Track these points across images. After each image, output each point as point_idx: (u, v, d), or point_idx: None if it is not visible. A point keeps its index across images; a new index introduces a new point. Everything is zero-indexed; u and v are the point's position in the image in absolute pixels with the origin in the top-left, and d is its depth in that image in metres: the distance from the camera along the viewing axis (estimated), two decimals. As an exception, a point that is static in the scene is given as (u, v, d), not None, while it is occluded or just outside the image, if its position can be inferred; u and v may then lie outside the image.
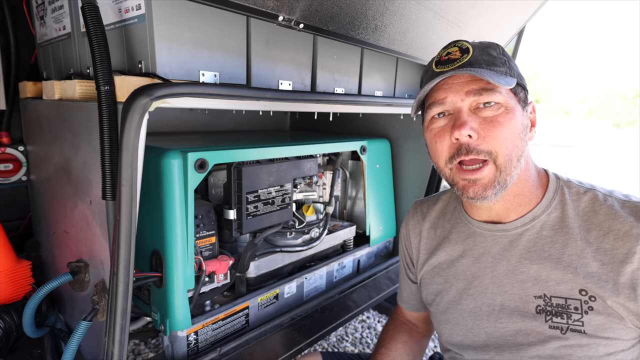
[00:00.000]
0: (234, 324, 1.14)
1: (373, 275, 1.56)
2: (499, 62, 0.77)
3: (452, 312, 0.89)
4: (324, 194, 1.47)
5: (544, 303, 0.76)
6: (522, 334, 0.79)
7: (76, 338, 0.86)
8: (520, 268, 0.80)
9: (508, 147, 0.74)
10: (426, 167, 1.71)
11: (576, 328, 0.73)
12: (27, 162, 1.39)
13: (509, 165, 0.75)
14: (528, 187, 0.81)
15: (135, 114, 0.72)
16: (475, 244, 0.87)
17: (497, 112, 0.74)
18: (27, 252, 1.37)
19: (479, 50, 0.78)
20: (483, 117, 0.75)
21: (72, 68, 1.14)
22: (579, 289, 0.73)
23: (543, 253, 0.78)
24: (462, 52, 0.78)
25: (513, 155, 0.75)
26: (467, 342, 0.88)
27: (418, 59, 1.38)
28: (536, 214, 0.80)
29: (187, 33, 0.91)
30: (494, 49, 0.79)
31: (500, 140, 0.74)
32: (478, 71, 0.73)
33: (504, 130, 0.74)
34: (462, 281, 0.88)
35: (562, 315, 0.74)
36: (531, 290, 0.78)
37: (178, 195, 0.96)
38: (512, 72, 0.77)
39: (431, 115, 0.81)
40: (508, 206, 0.81)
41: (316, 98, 1.10)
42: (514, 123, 0.75)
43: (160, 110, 0.78)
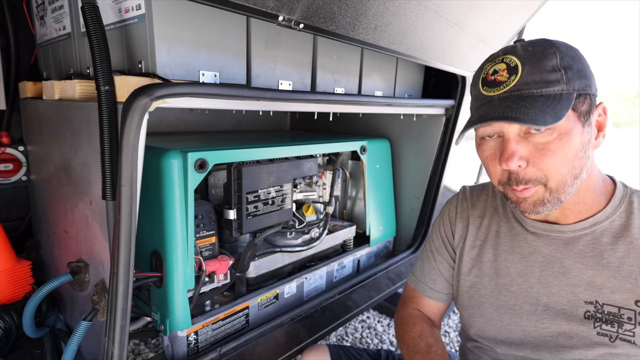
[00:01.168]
0: (234, 324, 1.14)
1: (373, 275, 1.56)
2: (553, 79, 0.68)
3: (488, 306, 0.88)
4: (324, 194, 1.47)
5: (595, 309, 0.75)
6: (565, 337, 0.77)
7: (76, 338, 0.86)
8: (573, 272, 0.78)
9: (561, 172, 0.70)
10: (426, 167, 1.71)
11: (626, 338, 0.72)
12: (27, 162, 1.39)
13: (562, 186, 0.72)
14: (590, 195, 0.77)
15: (135, 114, 0.72)
16: (525, 242, 0.85)
17: (549, 139, 0.69)
18: (27, 252, 1.37)
19: (529, 67, 0.69)
20: (534, 144, 0.70)
21: (72, 68, 1.14)
22: (636, 300, 0.71)
23: (601, 260, 0.75)
24: (510, 72, 0.70)
25: (567, 177, 0.71)
26: (500, 338, 0.86)
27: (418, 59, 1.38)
28: (598, 219, 0.77)
29: (187, 33, 0.91)
30: (549, 59, 0.68)
31: (551, 168, 0.70)
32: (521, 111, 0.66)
33: (556, 158, 0.69)
34: (504, 277, 0.86)
35: (612, 324, 0.73)
36: (582, 295, 0.76)
37: (178, 195, 0.96)
38: (571, 86, 0.68)
39: (481, 136, 0.77)
40: (567, 213, 0.79)
41: (316, 98, 1.10)
42: (569, 147, 0.69)
43: (160, 110, 0.78)
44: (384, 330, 2.12)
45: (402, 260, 1.70)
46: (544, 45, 0.70)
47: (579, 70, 0.70)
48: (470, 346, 0.94)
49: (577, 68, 0.70)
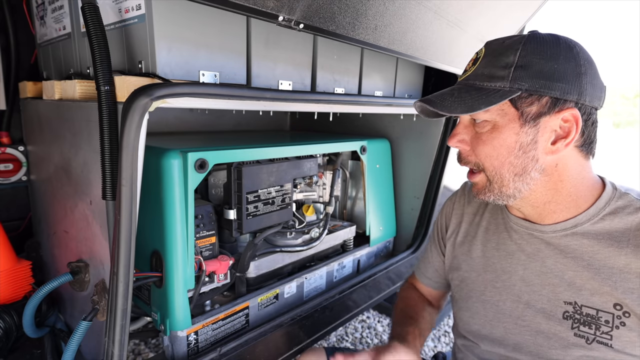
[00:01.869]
0: (234, 324, 1.14)
1: (373, 275, 1.56)
2: (498, 75, 0.71)
3: (475, 301, 0.90)
4: (324, 194, 1.47)
5: (573, 310, 0.75)
6: (543, 336, 0.78)
7: (76, 338, 0.86)
8: (554, 271, 0.78)
9: (493, 164, 0.75)
10: (426, 167, 1.71)
11: (603, 340, 0.72)
12: (27, 162, 1.39)
13: (499, 179, 0.76)
14: (562, 196, 0.77)
15: (135, 114, 0.72)
16: (510, 239, 0.86)
17: (482, 130, 0.76)
18: (27, 252, 1.37)
19: (488, 59, 0.74)
20: (475, 131, 0.77)
21: (72, 68, 1.14)
22: (614, 302, 0.71)
23: (582, 261, 0.75)
24: (473, 63, 0.77)
25: (504, 171, 0.74)
26: (484, 333, 0.88)
27: (418, 59, 1.38)
28: (580, 221, 0.77)
29: (187, 33, 0.91)
30: (508, 55, 0.71)
31: (482, 157, 0.76)
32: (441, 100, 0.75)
33: (486, 148, 0.75)
34: (490, 273, 0.88)
35: (590, 326, 0.73)
36: (562, 295, 0.77)
37: (178, 195, 0.96)
38: (517, 84, 0.70)
39: None
40: (539, 212, 0.80)
41: (316, 98, 1.10)
42: (499, 142, 0.73)
43: (160, 110, 0.78)
44: (384, 330, 2.12)
45: (402, 260, 1.70)
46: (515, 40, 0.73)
47: (540, 71, 0.69)
48: (460, 343, 0.97)
49: (540, 69, 0.69)
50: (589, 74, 0.71)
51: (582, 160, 0.77)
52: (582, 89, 0.70)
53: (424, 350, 2.00)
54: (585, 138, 0.75)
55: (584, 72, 0.70)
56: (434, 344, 2.05)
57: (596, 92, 0.72)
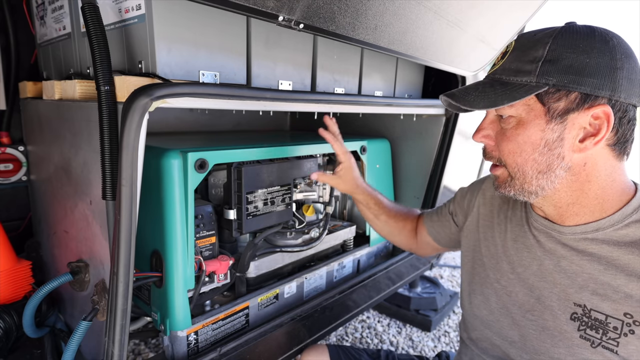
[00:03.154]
0: (234, 324, 1.14)
1: (373, 275, 1.56)
2: (526, 70, 0.70)
3: (488, 286, 0.90)
4: (324, 194, 1.47)
5: (582, 312, 0.74)
6: (548, 334, 0.78)
7: (76, 338, 0.86)
8: (568, 272, 0.77)
9: (516, 160, 0.74)
10: (426, 167, 1.71)
11: (609, 346, 0.71)
12: (27, 162, 1.39)
13: (521, 176, 0.74)
14: (588, 199, 0.74)
15: (135, 114, 0.72)
16: (529, 234, 0.85)
17: (508, 126, 0.74)
18: (27, 252, 1.37)
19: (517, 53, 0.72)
20: (501, 127, 0.77)
21: (72, 68, 1.15)
22: (625, 311, 0.69)
23: (599, 266, 0.73)
24: (502, 56, 0.76)
25: (527, 169, 0.73)
26: (491, 319, 0.88)
27: (418, 59, 1.38)
28: (602, 225, 0.73)
29: (187, 33, 0.91)
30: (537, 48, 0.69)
31: (505, 153, 0.75)
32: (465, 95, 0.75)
33: (509, 144, 0.74)
34: (507, 263, 0.87)
35: (597, 330, 0.72)
36: (573, 296, 0.75)
37: (178, 195, 0.96)
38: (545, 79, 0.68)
39: None
40: (562, 213, 0.78)
41: (316, 98, 1.10)
42: (523, 138, 0.72)
43: (160, 110, 0.78)
44: (384, 330, 2.12)
45: (402, 260, 1.70)
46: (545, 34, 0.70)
47: (570, 65, 0.67)
48: (465, 337, 0.97)
49: (571, 63, 0.67)
50: (625, 69, 0.66)
51: (614, 161, 0.73)
52: (617, 85, 0.66)
53: (424, 350, 2.00)
54: (620, 137, 0.71)
55: (619, 66, 0.66)
56: (434, 344, 2.05)
57: (634, 87, 0.68)
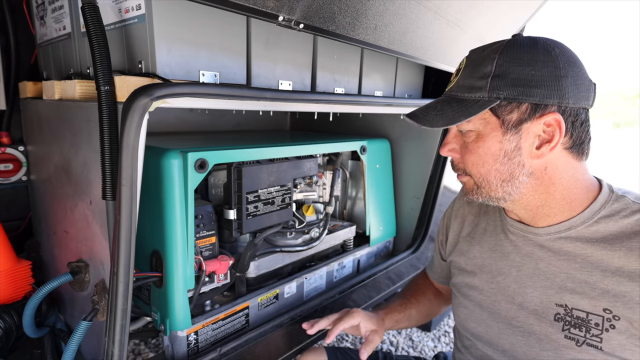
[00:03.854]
0: (234, 324, 1.14)
1: (373, 275, 1.56)
2: (477, 86, 0.73)
3: (472, 299, 0.91)
4: (324, 194, 1.47)
5: (564, 312, 0.75)
6: (535, 338, 0.79)
7: (76, 338, 0.86)
8: (547, 274, 0.79)
9: (480, 171, 0.77)
10: (426, 167, 1.71)
11: (593, 343, 0.72)
12: (27, 162, 1.39)
13: (487, 185, 0.78)
14: (555, 200, 0.77)
15: (135, 114, 0.72)
16: (506, 240, 0.87)
17: (469, 140, 0.78)
18: (27, 252, 1.37)
19: (468, 71, 0.76)
20: (463, 141, 0.80)
21: (72, 68, 1.14)
22: (605, 307, 0.71)
23: (574, 264, 0.75)
24: (456, 74, 0.80)
25: (491, 178, 0.77)
26: (479, 331, 0.89)
27: (418, 59, 1.38)
28: (574, 224, 0.76)
29: (187, 33, 0.91)
30: (486, 65, 0.72)
31: (469, 165, 0.79)
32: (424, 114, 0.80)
33: (472, 156, 0.77)
34: (487, 273, 0.89)
35: (580, 328, 0.73)
36: (554, 297, 0.77)
37: (178, 195, 0.96)
38: (496, 93, 0.71)
39: None
40: (533, 215, 0.80)
41: (316, 98, 1.10)
42: (484, 150, 0.76)
43: (160, 110, 0.78)
44: (384, 330, 2.12)
45: (402, 260, 1.70)
46: (493, 48, 0.74)
47: (517, 78, 0.70)
48: (459, 344, 0.98)
49: (517, 77, 0.70)
50: (570, 76, 0.70)
51: (574, 162, 0.76)
52: (564, 92, 0.70)
53: (424, 351, 2.00)
54: (575, 139, 0.74)
55: (564, 74, 0.70)
56: (434, 344, 2.05)
57: (581, 92, 0.72)
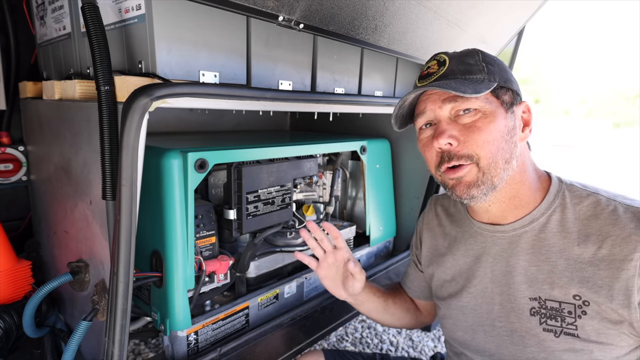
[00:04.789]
0: (234, 324, 1.14)
1: (373, 275, 1.56)
2: (475, 70, 0.78)
3: (454, 308, 0.91)
4: (324, 194, 1.47)
5: (539, 305, 0.77)
6: (518, 335, 0.80)
7: (76, 338, 0.86)
8: (518, 269, 0.80)
9: (490, 150, 0.75)
10: (426, 167, 1.70)
11: (570, 331, 0.73)
12: (27, 162, 1.39)
13: (494, 167, 0.76)
14: (525, 189, 0.80)
15: (135, 114, 0.72)
16: (476, 244, 0.88)
17: (474, 118, 0.76)
18: (27, 252, 1.37)
19: (455, 60, 0.80)
20: (462, 124, 0.77)
21: (72, 68, 1.15)
22: (574, 293, 0.73)
23: (541, 256, 0.78)
24: (439, 65, 0.81)
25: (498, 158, 0.75)
26: (467, 339, 0.89)
27: (418, 59, 1.38)
28: (535, 216, 0.80)
29: (187, 33, 0.91)
30: (472, 56, 0.80)
31: (480, 144, 0.75)
32: (446, 84, 0.75)
33: (482, 134, 0.75)
34: (464, 279, 0.89)
35: (556, 319, 0.75)
36: (527, 292, 0.78)
37: (178, 195, 0.96)
38: (492, 77, 0.77)
39: (418, 126, 0.85)
40: (504, 208, 0.81)
41: (316, 98, 1.10)
42: (494, 127, 0.75)
43: (160, 110, 0.78)
44: (384, 330, 2.12)
45: (402, 260, 1.70)
46: (469, 49, 0.82)
47: (500, 69, 0.80)
48: (451, 353, 0.98)
49: (499, 67, 0.80)
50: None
51: (529, 153, 0.83)
52: (518, 88, 0.82)
53: (424, 351, 2.01)
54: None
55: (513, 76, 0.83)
56: (434, 344, 2.05)
57: None
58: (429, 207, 1.06)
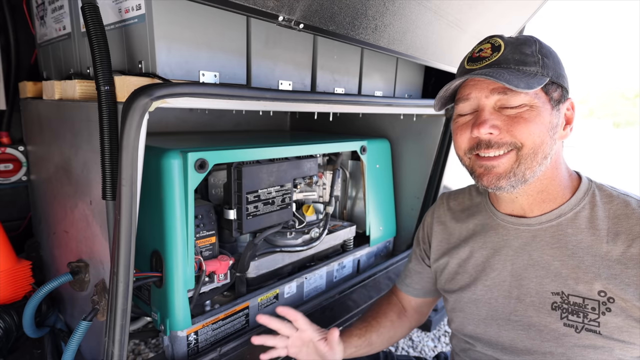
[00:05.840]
0: (234, 324, 1.14)
1: (373, 275, 1.56)
2: (530, 61, 0.75)
3: (467, 301, 0.90)
4: (324, 194, 1.47)
5: (561, 300, 0.77)
6: (535, 330, 0.79)
7: (76, 338, 0.86)
8: (541, 263, 0.80)
9: (535, 140, 0.73)
10: (426, 167, 1.71)
11: (591, 328, 0.73)
12: (27, 162, 1.39)
13: (532, 159, 0.74)
14: (555, 185, 0.80)
15: (135, 114, 0.72)
16: (497, 236, 0.87)
17: (521, 110, 0.74)
18: (27, 252, 1.37)
19: (511, 47, 0.76)
20: (507, 115, 0.74)
21: (72, 68, 1.14)
22: (599, 290, 0.73)
23: (566, 251, 0.77)
24: (493, 50, 0.77)
25: (539, 150, 0.74)
26: (478, 333, 0.89)
27: (418, 59, 1.38)
28: (563, 211, 0.79)
29: (187, 33, 0.91)
30: (529, 45, 0.76)
31: (526, 133, 0.73)
32: (499, 73, 0.71)
33: (529, 125, 0.73)
34: (480, 272, 0.89)
35: (578, 314, 0.74)
36: (549, 286, 0.78)
37: (178, 195, 0.96)
38: (546, 71, 0.75)
39: (458, 112, 0.82)
40: (531, 201, 0.81)
41: (316, 98, 1.10)
42: (541, 119, 0.74)
43: (160, 110, 0.78)
44: (384, 330, 2.12)
45: (402, 260, 1.70)
46: (526, 36, 0.79)
47: (554, 62, 0.77)
48: (457, 348, 0.97)
49: (553, 60, 0.77)
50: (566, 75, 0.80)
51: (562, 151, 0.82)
52: (568, 83, 0.80)
53: (424, 351, 2.00)
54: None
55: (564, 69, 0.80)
56: (434, 344, 2.05)
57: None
58: (440, 202, 1.04)
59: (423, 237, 1.07)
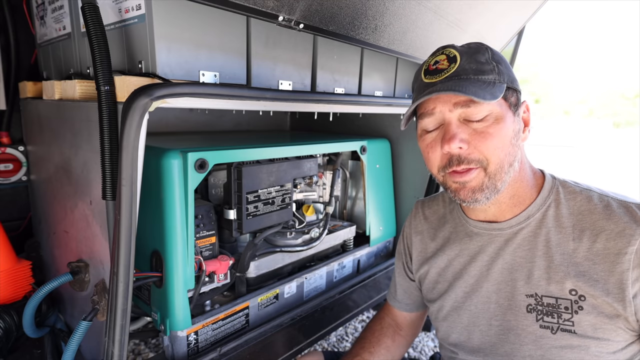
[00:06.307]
0: (234, 324, 1.14)
1: (373, 275, 1.56)
2: (487, 69, 0.75)
3: (449, 310, 0.90)
4: (324, 194, 1.47)
5: (535, 302, 0.77)
6: (514, 334, 0.79)
7: (76, 338, 0.86)
8: (514, 266, 0.80)
9: (499, 156, 0.74)
10: (426, 167, 1.71)
11: (566, 328, 0.73)
12: (27, 162, 1.39)
13: (500, 172, 0.75)
14: (523, 187, 0.81)
15: (135, 114, 0.72)
16: (472, 243, 0.87)
17: (487, 124, 0.74)
18: (27, 252, 1.37)
19: (466, 57, 0.76)
20: (473, 129, 0.74)
21: (72, 68, 1.15)
22: (570, 288, 0.73)
23: (537, 251, 0.78)
24: (450, 61, 0.77)
25: (505, 163, 0.75)
26: (462, 340, 0.88)
27: (418, 59, 1.38)
28: (531, 212, 0.80)
29: (187, 33, 0.91)
30: (482, 53, 0.76)
31: (491, 151, 0.74)
32: (462, 86, 0.72)
33: (494, 140, 0.73)
34: (458, 280, 0.89)
35: (552, 315, 0.75)
36: (523, 289, 0.78)
37: (178, 195, 0.96)
38: (502, 77, 0.75)
39: (423, 127, 0.81)
40: (503, 208, 0.82)
41: (316, 98, 1.10)
42: (505, 132, 0.74)
43: (160, 110, 0.78)
44: (384, 330, 2.12)
45: (402, 260, 1.70)
46: (477, 44, 0.79)
47: (506, 67, 0.78)
48: (444, 355, 0.97)
49: (505, 65, 0.78)
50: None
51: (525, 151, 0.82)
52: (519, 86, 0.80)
53: (424, 351, 2.00)
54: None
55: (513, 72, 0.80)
56: (434, 344, 2.05)
57: None
58: (415, 211, 1.04)
59: (404, 249, 1.06)
